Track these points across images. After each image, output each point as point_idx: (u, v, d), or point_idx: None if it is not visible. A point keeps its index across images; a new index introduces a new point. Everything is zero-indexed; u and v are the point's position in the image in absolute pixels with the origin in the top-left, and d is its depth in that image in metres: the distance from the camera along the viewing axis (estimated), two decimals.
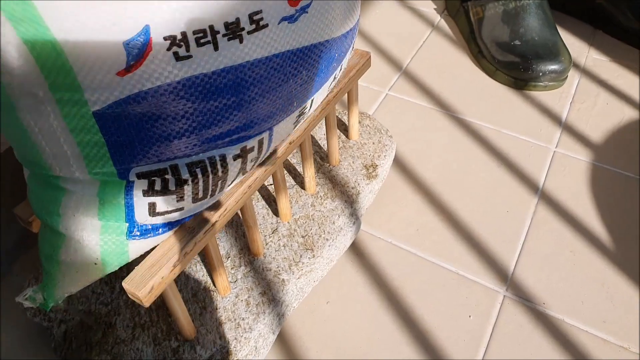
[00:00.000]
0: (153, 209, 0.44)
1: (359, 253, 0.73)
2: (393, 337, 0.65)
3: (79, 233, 0.45)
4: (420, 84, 0.96)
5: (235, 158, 0.44)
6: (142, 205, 0.43)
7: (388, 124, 0.89)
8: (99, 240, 0.45)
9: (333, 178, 0.70)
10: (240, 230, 0.65)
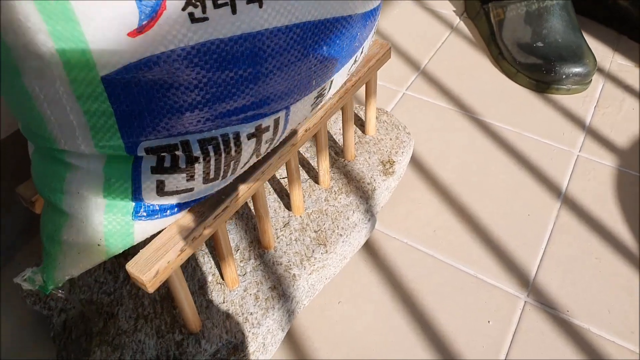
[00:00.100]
0: (161, 188, 0.42)
1: (373, 252, 0.70)
2: (408, 340, 0.62)
3: (83, 212, 0.43)
4: (439, 85, 0.93)
5: (250, 137, 0.42)
6: (149, 183, 0.41)
7: (405, 123, 0.86)
8: (103, 220, 0.42)
9: (348, 173, 0.68)
10: (251, 223, 0.62)
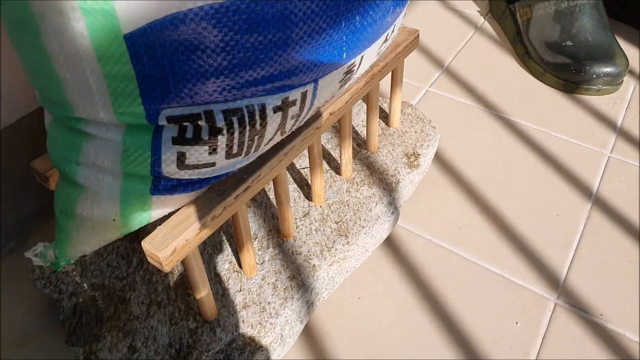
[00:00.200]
0: (182, 161, 0.39)
1: (395, 248, 0.67)
2: (431, 338, 0.59)
3: (98, 184, 0.41)
4: (463, 82, 0.91)
5: (276, 110, 0.40)
6: (170, 155, 0.39)
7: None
8: (120, 193, 0.40)
9: (371, 165, 0.65)
10: (269, 212, 0.60)
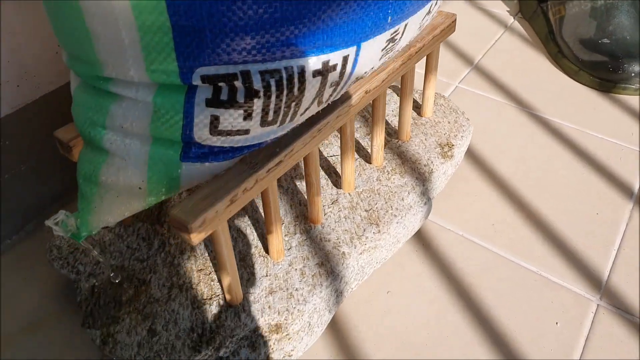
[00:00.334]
0: (215, 125, 0.37)
1: (426, 243, 0.64)
2: (464, 337, 0.55)
3: (125, 149, 0.38)
4: (493, 80, 0.88)
5: (315, 75, 0.38)
6: (203, 118, 0.37)
7: None
8: (148, 159, 0.38)
9: (402, 154, 0.63)
10: (296, 199, 0.57)
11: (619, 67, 0.82)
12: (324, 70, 0.38)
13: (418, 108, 0.68)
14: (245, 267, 0.50)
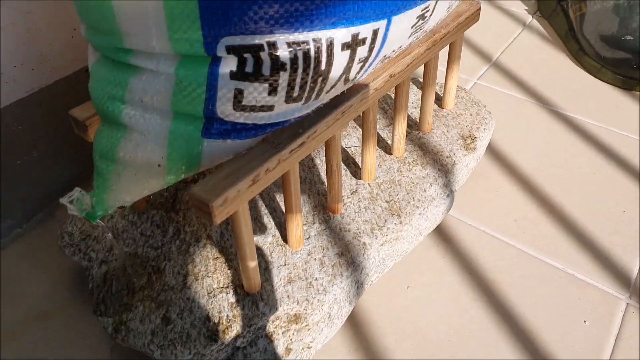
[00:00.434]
0: (239, 100, 0.36)
1: (447, 238, 0.62)
2: (489, 334, 0.53)
3: (145, 123, 0.37)
4: (513, 77, 0.87)
5: (344, 48, 0.36)
6: (227, 92, 0.35)
7: None
8: (168, 134, 0.36)
9: (424, 145, 0.61)
10: (314, 188, 0.56)
11: None
12: (353, 44, 0.36)
13: (439, 100, 0.67)
14: (263, 255, 0.49)
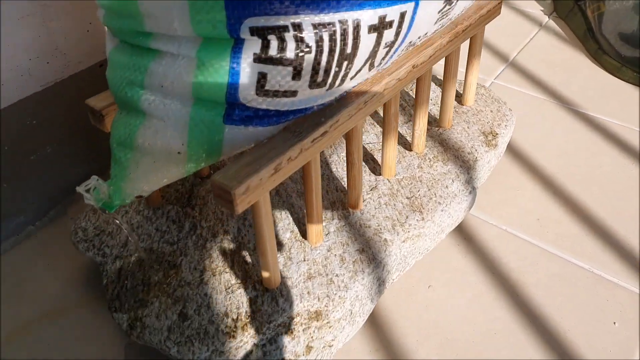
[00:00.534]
0: (262, 84, 0.34)
1: (467, 237, 0.60)
2: (514, 334, 0.51)
3: (165, 109, 0.36)
4: (530, 76, 0.85)
5: (370, 30, 0.35)
6: (249, 76, 0.34)
7: None
8: (188, 120, 0.35)
9: (444, 141, 0.59)
10: (333, 184, 0.54)
11: None
12: (380, 26, 0.35)
13: (458, 97, 0.65)
14: (282, 251, 0.47)
